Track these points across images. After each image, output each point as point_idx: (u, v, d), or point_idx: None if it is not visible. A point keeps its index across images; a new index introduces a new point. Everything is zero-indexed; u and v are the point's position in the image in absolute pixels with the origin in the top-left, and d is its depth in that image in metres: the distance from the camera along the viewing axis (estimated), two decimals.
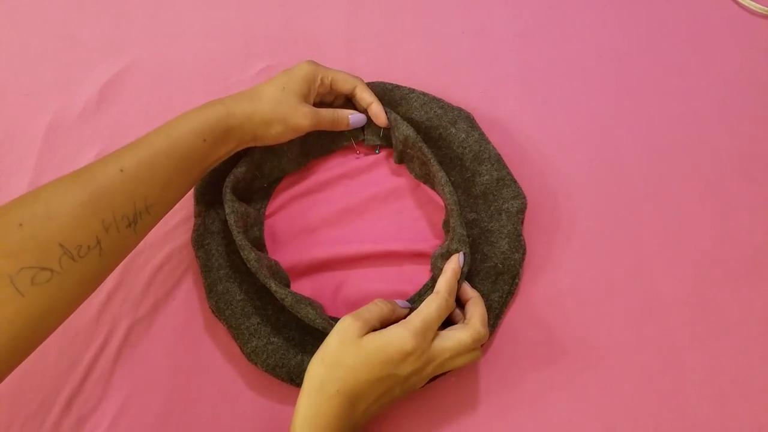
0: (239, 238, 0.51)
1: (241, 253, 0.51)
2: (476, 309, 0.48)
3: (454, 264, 0.49)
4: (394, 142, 0.59)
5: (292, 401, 0.44)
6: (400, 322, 0.45)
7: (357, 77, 0.58)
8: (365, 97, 0.57)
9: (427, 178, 0.58)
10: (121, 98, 0.66)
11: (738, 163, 0.61)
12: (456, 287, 0.49)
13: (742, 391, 0.51)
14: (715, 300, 0.55)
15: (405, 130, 0.56)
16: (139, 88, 0.66)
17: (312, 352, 0.45)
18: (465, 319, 0.48)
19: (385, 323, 0.46)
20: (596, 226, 0.58)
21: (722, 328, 0.53)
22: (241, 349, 0.51)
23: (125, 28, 0.70)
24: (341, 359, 0.43)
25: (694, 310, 0.54)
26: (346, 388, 0.42)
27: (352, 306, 0.54)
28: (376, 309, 0.46)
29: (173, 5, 0.72)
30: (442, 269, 0.50)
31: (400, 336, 0.43)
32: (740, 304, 0.54)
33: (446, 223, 0.55)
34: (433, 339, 0.45)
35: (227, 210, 0.52)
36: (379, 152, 0.62)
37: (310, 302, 0.50)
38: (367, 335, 0.43)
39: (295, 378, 0.49)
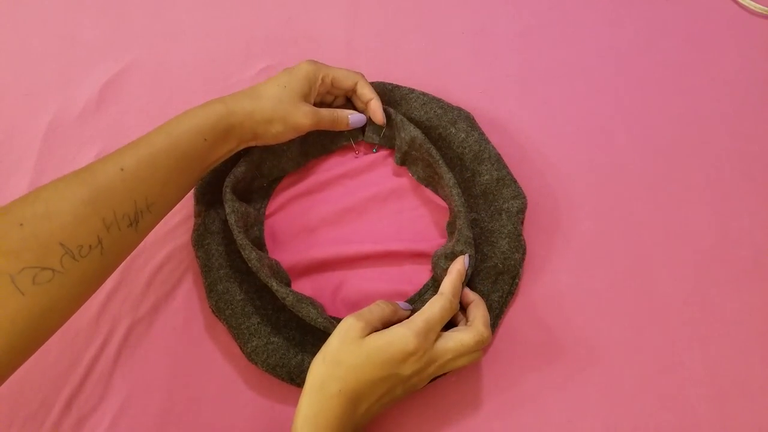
0: (240, 238, 0.51)
1: (243, 253, 0.51)
2: (478, 311, 0.48)
3: (459, 265, 0.49)
4: (398, 143, 0.59)
5: (292, 401, 0.44)
6: (402, 322, 0.45)
7: (358, 73, 0.58)
8: (365, 93, 0.57)
9: (429, 181, 0.58)
10: (121, 98, 0.66)
11: (738, 163, 0.61)
12: (461, 289, 0.49)
13: (742, 391, 0.51)
14: (715, 300, 0.55)
15: (412, 131, 0.56)
16: (139, 88, 0.66)
17: (312, 352, 0.45)
18: (467, 321, 0.48)
19: (386, 324, 0.46)
20: (596, 226, 0.58)
21: (722, 328, 0.54)
22: (241, 349, 0.51)
23: (125, 28, 0.70)
24: (343, 359, 0.42)
25: (694, 310, 0.54)
26: (348, 388, 0.42)
27: (352, 306, 0.54)
28: (378, 310, 0.46)
29: (173, 5, 0.72)
30: (444, 269, 0.50)
31: (402, 336, 0.43)
32: (740, 304, 0.54)
33: (451, 225, 0.55)
34: (436, 340, 0.45)
35: (227, 210, 0.52)
36: (377, 151, 0.62)
37: (312, 302, 0.50)
38: (369, 335, 0.43)
39: (295, 378, 0.49)
